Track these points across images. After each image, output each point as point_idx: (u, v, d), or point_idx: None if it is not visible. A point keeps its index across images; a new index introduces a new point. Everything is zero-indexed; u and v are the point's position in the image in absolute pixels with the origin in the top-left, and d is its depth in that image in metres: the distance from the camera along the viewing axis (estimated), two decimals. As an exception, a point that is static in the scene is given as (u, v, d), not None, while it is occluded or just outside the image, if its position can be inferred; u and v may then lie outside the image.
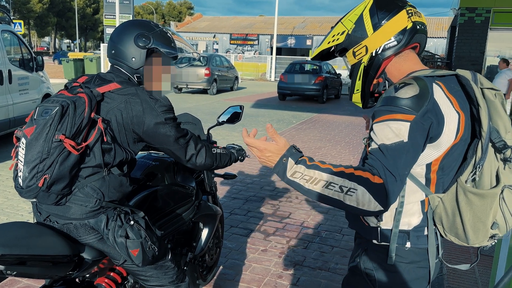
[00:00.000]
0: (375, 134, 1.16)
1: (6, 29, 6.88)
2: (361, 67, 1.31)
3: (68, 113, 1.44)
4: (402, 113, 1.12)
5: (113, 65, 1.72)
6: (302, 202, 4.64)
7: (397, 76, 1.30)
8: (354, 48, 1.30)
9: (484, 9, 11.43)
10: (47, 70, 8.61)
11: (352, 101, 1.42)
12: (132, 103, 1.57)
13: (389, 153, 1.12)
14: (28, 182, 1.43)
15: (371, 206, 1.10)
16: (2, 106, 6.35)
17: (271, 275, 3.05)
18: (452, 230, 1.23)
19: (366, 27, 1.27)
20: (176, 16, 74.85)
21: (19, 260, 1.37)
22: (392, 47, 1.26)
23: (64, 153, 1.43)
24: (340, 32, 1.32)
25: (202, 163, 1.73)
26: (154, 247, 1.61)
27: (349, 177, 1.12)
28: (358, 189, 1.10)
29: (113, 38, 1.71)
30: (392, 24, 1.24)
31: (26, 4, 53.18)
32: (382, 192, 1.10)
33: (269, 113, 11.87)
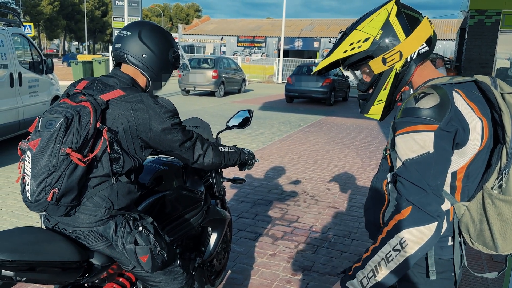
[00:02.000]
0: (399, 148, 1.15)
1: (17, 32, 6.94)
2: (391, 74, 1.26)
3: (73, 124, 1.40)
4: (425, 123, 1.11)
5: (131, 64, 1.66)
6: (311, 206, 4.61)
7: (419, 84, 1.28)
8: (385, 54, 1.24)
9: (494, 11, 11.33)
10: (57, 72, 8.68)
11: (368, 114, 1.36)
12: (137, 110, 1.55)
13: (414, 167, 1.12)
14: (36, 196, 1.41)
15: (426, 233, 1.10)
16: (13, 108, 6.40)
17: (279, 280, 3.03)
18: (479, 238, 1.21)
19: (397, 32, 1.22)
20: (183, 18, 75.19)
21: (28, 266, 1.37)
22: (425, 52, 1.24)
23: (72, 165, 1.40)
24: (361, 40, 1.25)
25: (209, 162, 1.74)
26: (163, 252, 1.60)
27: (389, 236, 1.13)
28: (403, 236, 1.10)
29: (145, 41, 1.66)
30: (422, 29, 1.23)
31: (36, 6, 53.76)
32: (418, 215, 1.10)
33: (276, 116, 11.85)
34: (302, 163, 6.45)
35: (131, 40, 1.65)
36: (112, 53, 1.73)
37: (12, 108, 6.39)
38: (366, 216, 1.40)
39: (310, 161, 6.59)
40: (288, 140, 8.24)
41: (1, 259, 1.31)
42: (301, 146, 7.75)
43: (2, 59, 6.24)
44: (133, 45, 1.65)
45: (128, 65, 1.69)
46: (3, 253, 1.32)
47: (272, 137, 8.66)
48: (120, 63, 1.72)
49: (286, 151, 7.27)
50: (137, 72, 1.69)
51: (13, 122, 6.44)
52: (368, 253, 1.18)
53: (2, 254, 1.32)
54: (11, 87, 6.40)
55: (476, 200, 1.19)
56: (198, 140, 1.71)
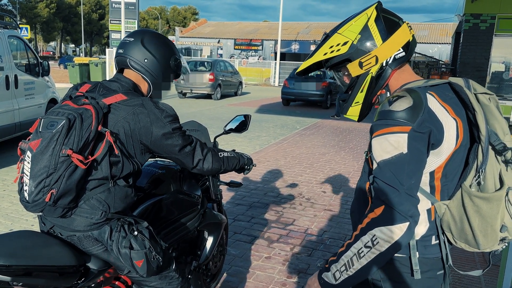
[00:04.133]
0: (374, 150, 1.19)
1: (13, 34, 6.93)
2: (367, 78, 1.30)
3: (75, 126, 1.41)
4: (398, 125, 1.15)
5: (133, 70, 1.70)
6: (306, 209, 4.62)
7: (395, 87, 1.32)
8: (362, 58, 1.28)
9: (489, 15, 11.42)
10: (53, 74, 8.67)
11: (346, 115, 1.40)
12: (139, 114, 1.57)
13: (388, 167, 1.15)
14: (34, 197, 1.41)
15: (397, 232, 1.12)
16: (8, 111, 6.39)
17: (275, 282, 3.04)
18: (461, 236, 1.23)
19: (374, 37, 1.26)
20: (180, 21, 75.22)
21: (25, 271, 1.37)
22: (401, 57, 1.28)
23: (71, 167, 1.41)
24: (341, 43, 1.29)
25: (209, 168, 1.75)
26: (158, 257, 1.60)
27: (362, 232, 1.17)
28: (374, 234, 1.14)
29: (147, 47, 1.70)
30: (400, 35, 1.27)
31: (32, 9, 53.64)
32: (390, 214, 1.12)
33: (273, 119, 11.87)
34: (298, 166, 6.47)
35: (134, 46, 1.69)
36: (115, 58, 1.75)
37: (8, 111, 6.38)
38: (353, 218, 1.43)
39: (306, 164, 6.61)
40: (284, 143, 8.26)
41: None
42: (297, 149, 7.77)
43: (-2, 61, 6.23)
44: (135, 51, 1.69)
45: (131, 70, 1.71)
46: (0, 258, 1.32)
47: (269, 140, 8.68)
48: (123, 69, 1.74)
49: (282, 154, 7.29)
50: (139, 77, 1.72)
51: (9, 124, 6.42)
52: (343, 248, 1.22)
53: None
54: (7, 89, 6.39)
55: (455, 199, 1.22)
56: (198, 145, 1.72)
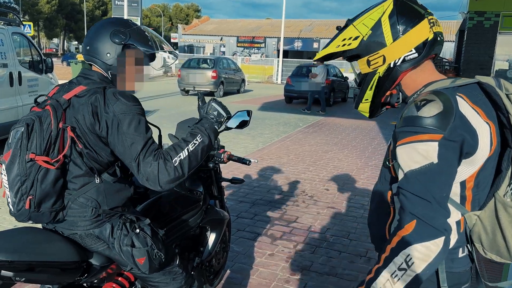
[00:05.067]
0: (401, 159, 1.09)
1: (16, 31, 6.94)
2: (375, 78, 1.22)
3: (35, 129, 1.41)
4: (428, 133, 1.04)
5: (87, 61, 1.64)
6: (309, 206, 4.62)
7: (412, 88, 1.22)
8: (370, 56, 1.19)
9: (493, 13, 11.35)
10: (56, 71, 8.68)
11: (358, 110, 1.33)
12: (93, 102, 1.48)
13: (418, 178, 1.05)
14: (17, 207, 1.43)
15: (433, 249, 1.01)
16: (12, 108, 6.41)
17: (278, 279, 3.04)
18: (493, 248, 1.14)
19: (385, 35, 1.16)
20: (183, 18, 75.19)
21: (28, 266, 1.37)
22: (412, 59, 1.16)
23: (42, 170, 1.41)
24: (352, 37, 1.20)
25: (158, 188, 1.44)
26: (160, 254, 1.59)
27: (393, 254, 1.05)
28: (409, 253, 1.02)
29: (89, 34, 1.63)
30: (414, 34, 1.14)
31: (34, 5, 53.71)
32: (424, 229, 1.02)
33: (275, 116, 11.86)
34: (301, 164, 6.46)
35: (83, 42, 1.68)
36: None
37: (11, 107, 6.39)
38: (371, 230, 1.33)
39: (309, 162, 6.60)
40: (287, 141, 8.25)
41: (1, 259, 1.31)
42: (300, 146, 7.76)
43: (1, 58, 6.24)
44: (83, 45, 1.66)
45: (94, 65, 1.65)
46: (3, 254, 1.32)
47: (271, 137, 8.66)
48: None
49: (285, 151, 7.28)
50: (99, 69, 1.62)
51: (13, 121, 6.43)
52: (372, 275, 1.09)
53: (1, 254, 1.32)
54: (10, 86, 6.40)
55: (487, 209, 1.13)
56: (142, 154, 1.42)
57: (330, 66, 16.68)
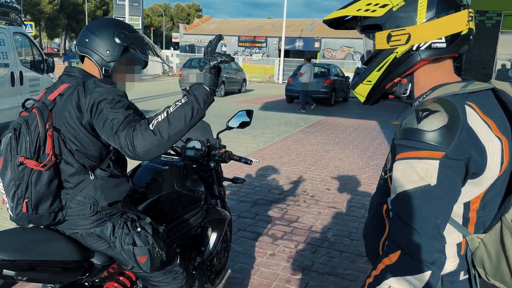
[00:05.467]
0: (395, 176, 0.98)
1: (18, 31, 6.95)
2: (390, 57, 1.06)
3: (22, 133, 1.43)
4: (428, 149, 0.92)
5: (80, 53, 1.65)
6: (310, 206, 4.61)
7: (422, 85, 1.09)
8: (393, 31, 1.04)
9: (495, 12, 11.34)
10: (58, 71, 8.67)
11: (354, 91, 1.19)
12: (76, 95, 1.49)
13: (409, 202, 0.94)
14: (15, 211, 1.44)
15: (416, 284, 0.93)
16: (14, 107, 6.41)
17: (279, 279, 3.04)
18: (497, 275, 1.03)
19: (418, 11, 1.01)
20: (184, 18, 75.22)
21: (30, 265, 1.38)
22: (439, 48, 1.02)
23: (35, 173, 1.42)
24: (380, 4, 1.05)
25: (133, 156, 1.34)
26: (162, 253, 1.60)
27: (376, 282, 0.98)
28: (391, 284, 0.94)
29: (90, 27, 1.66)
30: (450, 21, 1.01)
31: (36, 5, 53.79)
32: (407, 262, 0.94)
33: (276, 116, 11.86)
34: (302, 163, 6.45)
35: (81, 33, 1.68)
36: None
37: (13, 107, 6.40)
38: (366, 242, 1.25)
39: (310, 161, 6.60)
40: (288, 140, 8.25)
41: (2, 258, 1.32)
42: (301, 146, 7.75)
43: (3, 58, 6.25)
44: (81, 36, 1.66)
45: (86, 58, 1.66)
46: (5, 253, 1.33)
47: (273, 137, 8.66)
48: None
49: (286, 151, 7.27)
50: (91, 63, 1.64)
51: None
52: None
53: (3, 253, 1.33)
54: (12, 86, 6.41)
55: (493, 233, 1.01)
56: (124, 124, 1.36)
57: (332, 65, 16.68)
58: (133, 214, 1.62)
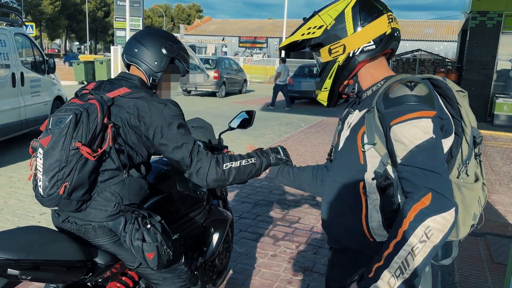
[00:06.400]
0: (402, 136, 1.11)
1: (19, 31, 6.96)
2: (335, 66, 1.28)
3: (82, 120, 1.47)
4: (424, 110, 1.10)
5: (129, 63, 1.75)
6: (311, 207, 4.61)
7: (369, 81, 1.29)
8: (331, 45, 1.26)
9: (496, 13, 11.33)
10: (58, 72, 8.70)
11: (317, 99, 1.40)
12: (140, 106, 1.59)
13: (423, 153, 1.08)
14: (49, 191, 1.46)
15: (449, 219, 1.04)
16: (14, 108, 6.43)
17: (280, 280, 3.04)
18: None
19: (347, 25, 1.23)
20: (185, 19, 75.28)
21: (34, 265, 1.39)
22: (370, 50, 1.24)
23: (82, 160, 1.46)
24: (317, 26, 1.28)
25: (203, 183, 1.58)
26: (169, 251, 1.62)
27: (412, 228, 1.04)
28: (429, 225, 1.03)
29: (138, 38, 1.75)
30: (373, 27, 1.22)
31: (37, 6, 53.86)
32: (440, 201, 1.05)
33: (277, 116, 11.86)
34: (303, 164, 6.42)
35: (129, 42, 1.77)
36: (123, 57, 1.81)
37: (14, 108, 6.41)
38: (334, 227, 1.32)
39: (311, 162, 6.60)
40: (289, 141, 8.25)
41: (7, 258, 1.33)
42: (302, 147, 7.76)
43: (4, 59, 6.26)
44: (129, 46, 1.76)
45: (135, 68, 1.75)
46: (9, 252, 1.34)
47: (273, 137, 8.67)
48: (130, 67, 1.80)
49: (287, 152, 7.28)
50: (139, 71, 1.74)
51: (15, 122, 6.46)
52: (390, 249, 1.07)
53: (8, 253, 1.33)
54: (13, 87, 6.42)
55: None
56: (196, 151, 1.57)
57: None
58: (145, 211, 1.65)
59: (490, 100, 11.64)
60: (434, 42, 34.92)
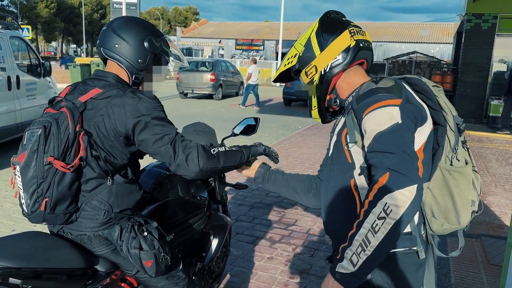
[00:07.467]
0: (368, 126, 1.20)
1: (15, 35, 6.95)
2: (314, 85, 1.42)
3: (52, 132, 1.41)
4: (390, 99, 1.20)
5: (107, 57, 1.61)
6: (308, 209, 4.62)
7: (348, 90, 1.40)
8: (306, 68, 1.42)
9: (491, 15, 11.40)
10: (54, 75, 8.68)
11: (312, 117, 1.54)
12: (113, 106, 1.49)
13: (386, 138, 1.15)
14: (31, 208, 1.43)
15: (408, 195, 1.08)
16: (10, 112, 6.40)
17: (277, 283, 3.04)
18: (442, 213, 1.27)
19: (314, 48, 1.39)
20: (182, 21, 75.26)
21: (35, 273, 1.37)
22: (338, 64, 1.37)
23: (59, 173, 1.42)
24: (293, 55, 1.45)
25: (196, 169, 1.50)
26: (167, 257, 1.62)
27: (371, 205, 1.10)
28: (386, 201, 1.08)
29: (118, 30, 1.59)
30: (336, 43, 1.36)
31: (33, 9, 53.72)
32: (397, 178, 1.09)
33: (274, 119, 11.87)
34: (300, 166, 6.46)
35: (105, 34, 1.61)
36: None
37: (9, 111, 6.39)
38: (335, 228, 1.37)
39: (308, 164, 6.61)
40: (286, 143, 8.26)
41: (8, 266, 1.31)
42: (299, 149, 7.77)
43: (0, 62, 6.24)
44: (106, 38, 1.60)
45: (111, 62, 1.62)
46: (11, 260, 1.32)
47: (270, 140, 8.67)
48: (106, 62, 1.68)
49: (284, 154, 7.28)
50: (119, 67, 1.61)
51: (11, 125, 6.43)
52: (353, 230, 1.13)
53: (9, 261, 1.32)
54: (8, 90, 6.40)
55: (435, 179, 1.26)
56: (179, 140, 1.51)
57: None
58: (141, 218, 1.63)
59: (485, 102, 11.70)
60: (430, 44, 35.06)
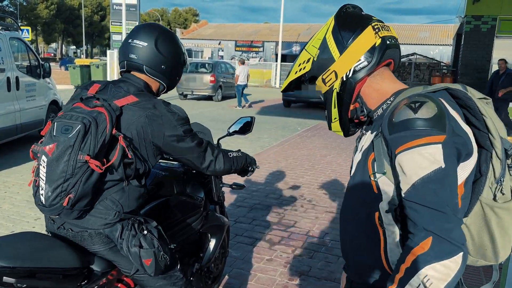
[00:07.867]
0: (405, 167, 0.99)
1: (14, 36, 6.95)
2: (334, 94, 1.20)
3: (91, 131, 1.41)
4: (431, 135, 0.97)
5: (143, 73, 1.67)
6: (308, 210, 4.61)
7: (377, 98, 1.18)
8: (323, 74, 1.20)
9: (490, 17, 11.43)
10: (54, 76, 8.68)
11: (332, 130, 1.33)
12: (151, 117, 1.56)
13: (428, 187, 0.96)
14: (51, 201, 1.42)
15: (452, 267, 0.92)
16: (10, 113, 6.40)
17: (276, 285, 3.03)
18: (479, 252, 1.12)
19: (331, 50, 1.17)
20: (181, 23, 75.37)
21: (30, 272, 1.37)
22: (363, 68, 1.14)
23: (88, 171, 1.42)
24: (305, 60, 1.23)
25: (221, 168, 1.80)
26: (166, 256, 1.62)
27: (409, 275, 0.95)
28: (426, 273, 0.92)
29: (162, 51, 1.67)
30: (359, 43, 1.14)
31: (33, 10, 53.77)
32: (441, 246, 0.93)
33: (274, 120, 11.87)
34: (300, 168, 6.46)
35: (149, 52, 1.65)
36: (125, 62, 1.68)
37: (9, 113, 6.38)
38: (353, 258, 1.22)
39: (307, 166, 6.60)
40: (285, 145, 8.26)
41: (3, 265, 1.31)
42: (298, 150, 7.76)
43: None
44: (152, 57, 1.65)
45: (144, 75, 1.69)
46: (5, 260, 1.32)
47: (270, 141, 8.67)
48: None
49: (284, 155, 7.28)
50: (151, 79, 1.70)
51: (10, 126, 6.43)
52: None
53: (3, 260, 1.32)
54: (8, 91, 6.40)
55: (473, 215, 1.10)
56: (209, 147, 1.75)
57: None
58: (141, 217, 1.64)
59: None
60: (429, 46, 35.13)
